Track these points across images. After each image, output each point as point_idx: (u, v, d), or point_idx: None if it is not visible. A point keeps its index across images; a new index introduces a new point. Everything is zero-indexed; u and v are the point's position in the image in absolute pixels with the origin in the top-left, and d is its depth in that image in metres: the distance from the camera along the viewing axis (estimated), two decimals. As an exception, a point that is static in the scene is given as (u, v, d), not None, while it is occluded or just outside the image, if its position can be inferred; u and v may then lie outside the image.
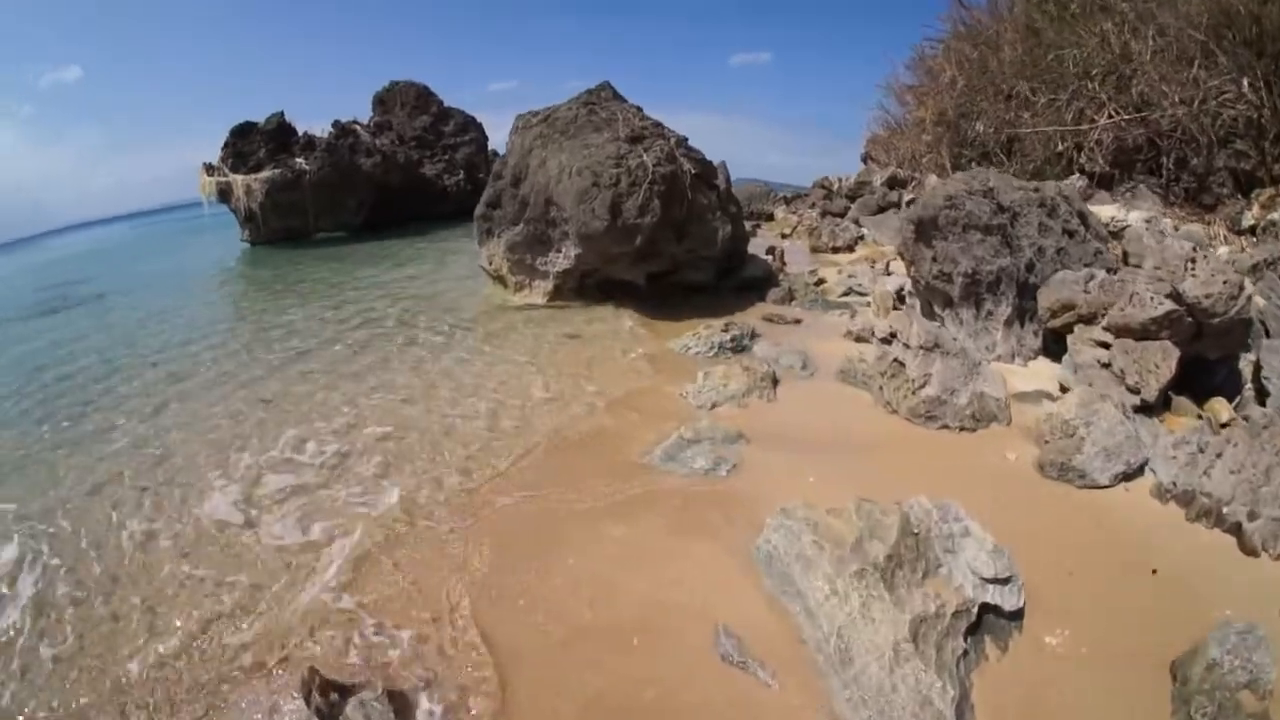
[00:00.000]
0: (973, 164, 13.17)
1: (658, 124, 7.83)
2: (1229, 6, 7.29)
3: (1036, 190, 5.55)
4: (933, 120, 15.08)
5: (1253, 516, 2.95)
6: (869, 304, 6.80)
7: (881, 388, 4.30)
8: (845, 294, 7.52)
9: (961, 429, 4.04)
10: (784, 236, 11.38)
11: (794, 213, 14.01)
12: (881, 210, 12.33)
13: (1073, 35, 10.08)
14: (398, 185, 18.23)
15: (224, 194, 16.38)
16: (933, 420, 4.03)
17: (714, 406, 4.48)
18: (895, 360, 4.17)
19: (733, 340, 5.81)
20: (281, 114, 17.35)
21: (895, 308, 6.34)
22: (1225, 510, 3.04)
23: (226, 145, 16.68)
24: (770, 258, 9.16)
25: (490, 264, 8.32)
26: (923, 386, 4.01)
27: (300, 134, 17.31)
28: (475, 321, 7.33)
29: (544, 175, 7.56)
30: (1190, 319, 4.33)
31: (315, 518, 3.50)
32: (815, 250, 10.26)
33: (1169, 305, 4.25)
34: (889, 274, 8.10)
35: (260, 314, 8.78)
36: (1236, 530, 2.96)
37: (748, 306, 7.41)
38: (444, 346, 6.48)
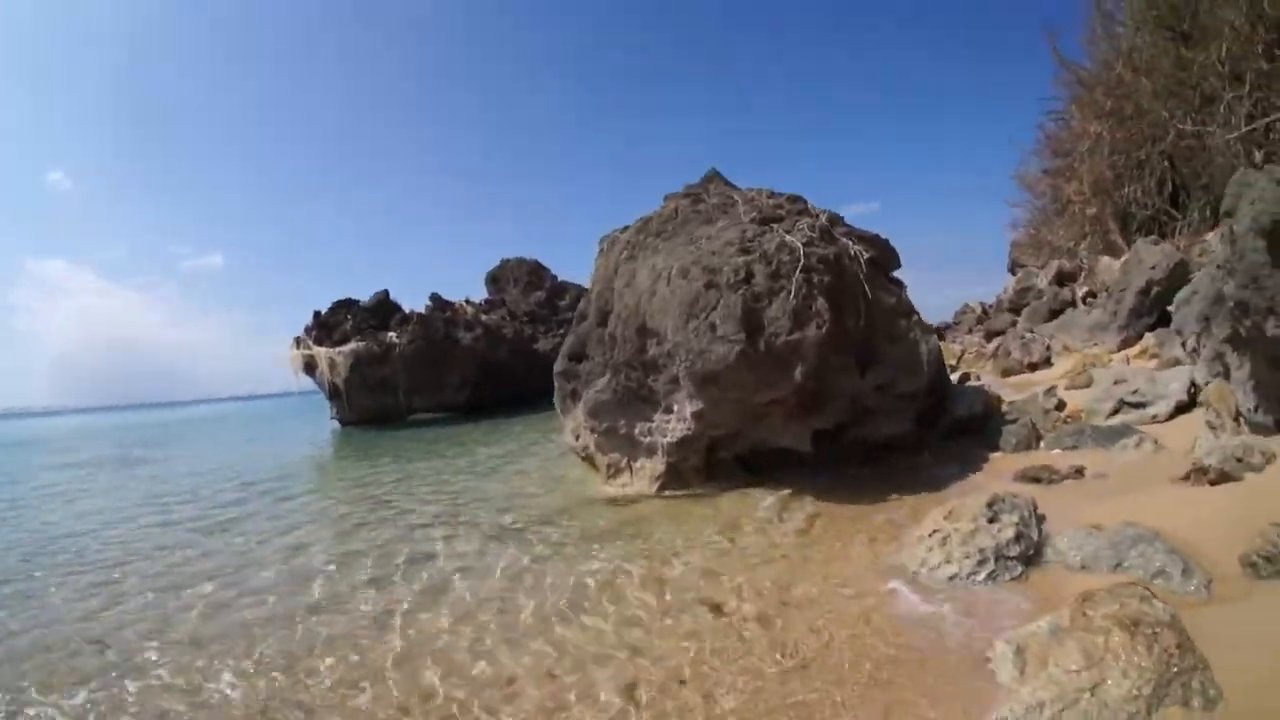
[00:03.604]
0: (1139, 232, 11.03)
1: (797, 198, 5.19)
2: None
3: None
4: (1090, 190, 12.43)
5: None
6: (1154, 416, 4.81)
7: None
8: (1115, 411, 5.18)
9: None
10: (951, 369, 8.54)
11: (954, 342, 12.12)
12: (1056, 313, 10.24)
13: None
14: (505, 360, 16.57)
15: (309, 367, 15.25)
16: None
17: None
18: None
19: (1017, 536, 2.87)
20: (386, 292, 16.53)
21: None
22: None
23: (315, 315, 15.91)
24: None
25: (576, 439, 5.53)
26: None
27: (405, 311, 16.20)
28: (532, 522, 4.35)
29: (633, 294, 4.94)
30: None
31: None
32: (1007, 373, 8.23)
33: None
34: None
35: (264, 496, 6.93)
36: None
37: (979, 463, 4.63)
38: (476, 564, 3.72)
